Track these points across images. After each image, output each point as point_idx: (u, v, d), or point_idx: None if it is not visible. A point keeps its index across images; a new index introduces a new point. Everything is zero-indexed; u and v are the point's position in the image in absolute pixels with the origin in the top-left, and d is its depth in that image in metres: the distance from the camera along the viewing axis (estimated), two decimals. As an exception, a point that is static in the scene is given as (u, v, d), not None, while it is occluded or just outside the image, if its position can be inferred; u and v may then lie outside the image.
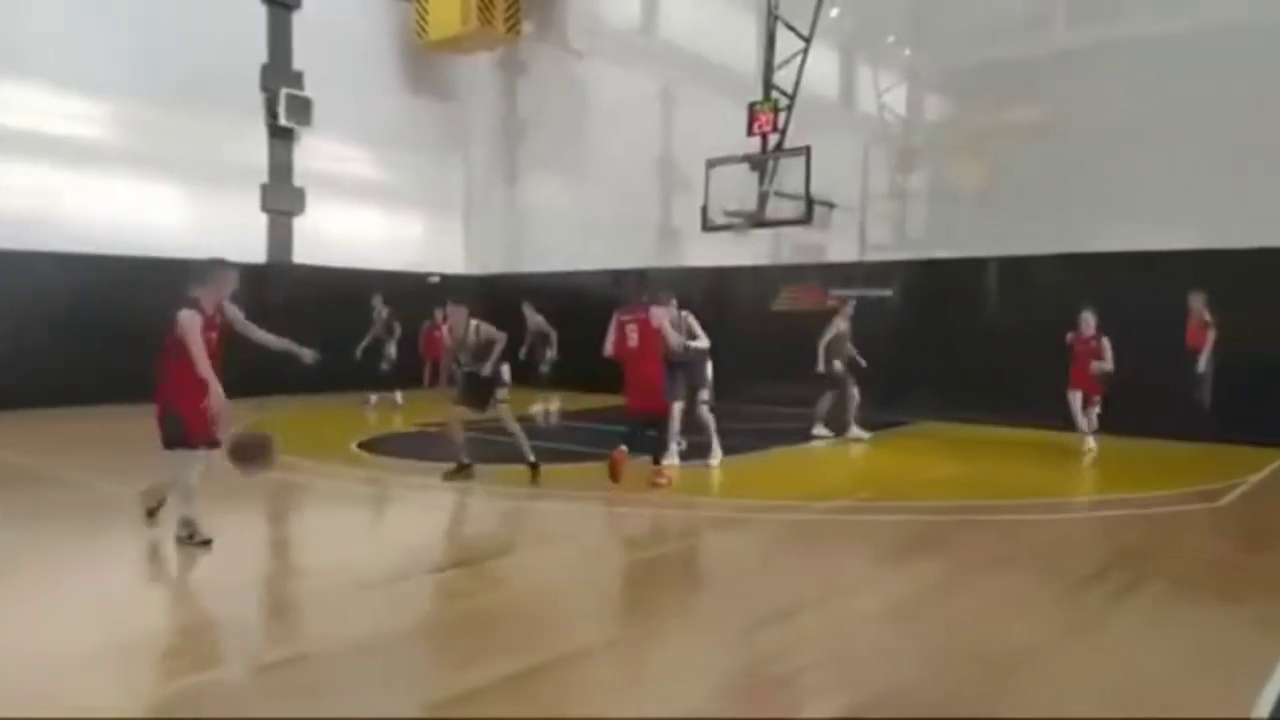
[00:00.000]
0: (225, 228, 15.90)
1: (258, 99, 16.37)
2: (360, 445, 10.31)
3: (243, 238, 16.17)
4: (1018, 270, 12.97)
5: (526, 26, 18.53)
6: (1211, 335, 10.43)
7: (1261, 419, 10.53)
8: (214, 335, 5.62)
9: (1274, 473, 8.88)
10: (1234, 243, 11.11)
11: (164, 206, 15.34)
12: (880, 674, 3.78)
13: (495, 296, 18.31)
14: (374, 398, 14.49)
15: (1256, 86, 11.11)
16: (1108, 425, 10.38)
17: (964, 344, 12.98)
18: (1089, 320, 10.22)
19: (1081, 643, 4.20)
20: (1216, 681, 3.76)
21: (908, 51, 14.93)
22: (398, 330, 14.65)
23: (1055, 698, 3.57)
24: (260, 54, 16.40)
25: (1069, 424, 10.31)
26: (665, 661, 4.00)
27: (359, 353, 14.33)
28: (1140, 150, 11.86)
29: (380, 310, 14.64)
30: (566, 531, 6.52)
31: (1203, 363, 10.41)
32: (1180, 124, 11.58)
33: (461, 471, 7.97)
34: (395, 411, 13.80)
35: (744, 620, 4.51)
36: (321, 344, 6.18)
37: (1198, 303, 10.66)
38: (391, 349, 14.57)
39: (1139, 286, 11.41)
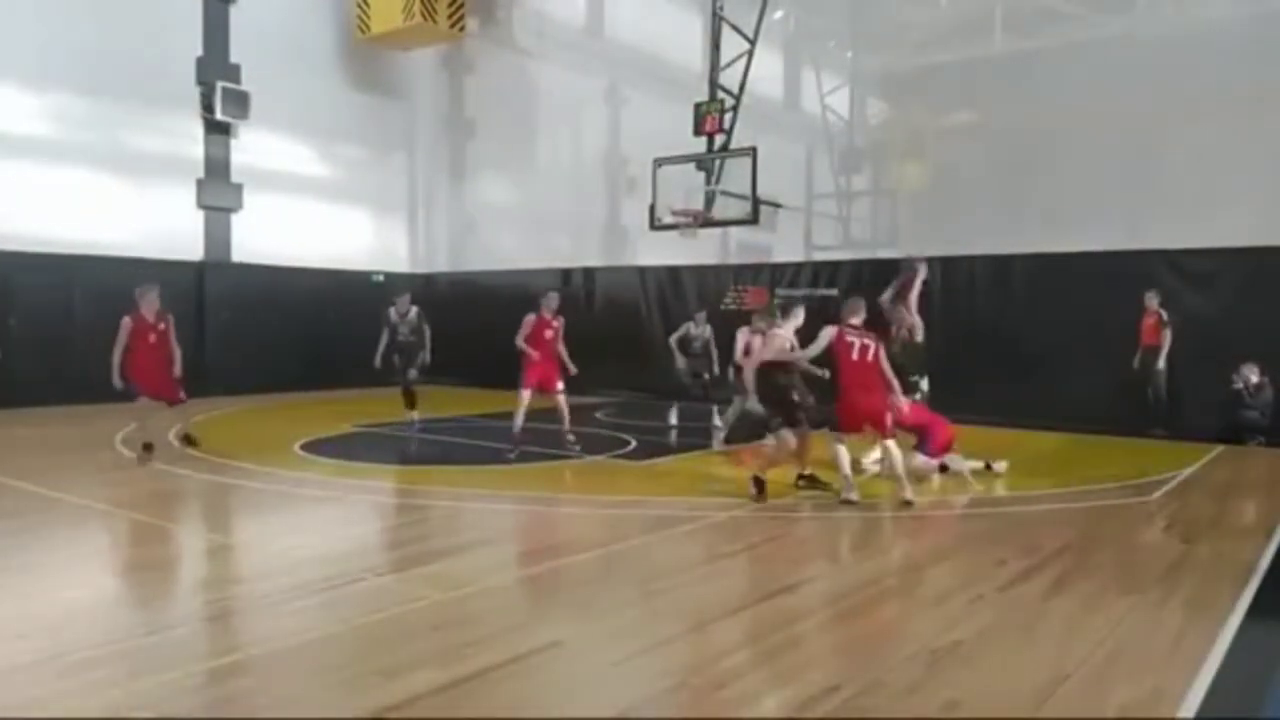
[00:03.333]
0: (159, 224, 15.46)
1: (193, 92, 15.90)
2: (303, 446, 10.09)
3: (178, 235, 15.75)
4: (959, 270, 13.20)
5: (471, 23, 18.34)
6: (1169, 333, 10.82)
7: (1185, 415, 10.95)
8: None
9: (1202, 467, 9.18)
10: (1156, 244, 11.51)
11: (93, 202, 14.80)
12: (820, 670, 3.81)
13: (437, 295, 18.15)
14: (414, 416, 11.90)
15: (1184, 91, 11.48)
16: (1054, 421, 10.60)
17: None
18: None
19: (1019, 633, 4.29)
20: (1149, 666, 3.86)
21: (849, 54, 15.12)
22: (428, 333, 12.00)
23: (991, 688, 3.62)
24: (195, 46, 15.95)
25: (1007, 419, 10.53)
26: (609, 662, 3.98)
27: (378, 360, 11.68)
28: (1075, 152, 12.18)
29: (409, 311, 11.93)
30: (510, 533, 6.45)
31: (1162, 360, 10.82)
32: (1113, 127, 11.92)
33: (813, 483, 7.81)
34: (409, 430, 11.55)
35: (688, 619, 4.51)
36: (261, 344, 6.02)
37: (1153, 301, 11.02)
38: (425, 356, 11.91)
39: (1074, 286, 11.71)
